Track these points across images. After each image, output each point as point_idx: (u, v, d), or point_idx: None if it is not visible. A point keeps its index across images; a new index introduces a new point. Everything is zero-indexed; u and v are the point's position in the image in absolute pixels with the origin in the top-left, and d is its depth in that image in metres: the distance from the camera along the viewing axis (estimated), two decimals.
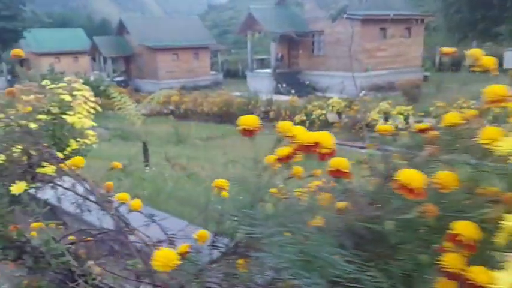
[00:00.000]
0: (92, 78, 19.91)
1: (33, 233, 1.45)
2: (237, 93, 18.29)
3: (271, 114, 14.39)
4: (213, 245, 1.03)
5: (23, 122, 1.57)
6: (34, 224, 1.46)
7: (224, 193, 1.55)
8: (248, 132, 0.93)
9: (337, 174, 0.82)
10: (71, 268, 1.26)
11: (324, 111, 12.76)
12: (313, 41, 23.83)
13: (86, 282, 1.26)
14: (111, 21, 48.47)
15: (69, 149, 1.79)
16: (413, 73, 21.54)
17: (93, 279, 1.27)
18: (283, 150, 0.88)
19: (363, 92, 16.74)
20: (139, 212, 1.33)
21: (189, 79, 28.76)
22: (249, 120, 0.92)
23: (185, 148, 9.51)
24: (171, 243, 1.25)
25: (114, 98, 6.44)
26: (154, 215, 1.35)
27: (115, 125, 11.79)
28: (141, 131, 7.18)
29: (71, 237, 1.49)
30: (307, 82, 23.56)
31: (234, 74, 33.63)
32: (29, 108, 1.71)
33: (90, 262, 1.32)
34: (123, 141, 9.63)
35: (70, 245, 1.40)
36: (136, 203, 1.26)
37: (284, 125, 0.90)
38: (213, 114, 16.27)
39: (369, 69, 20.82)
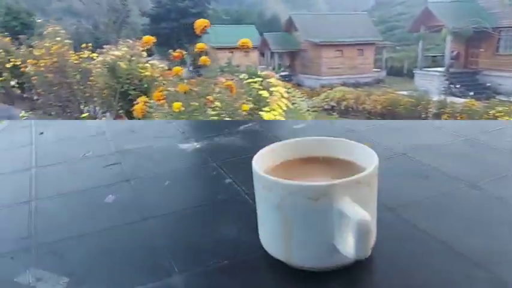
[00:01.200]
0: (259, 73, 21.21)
1: None
2: (404, 92, 17.25)
3: (444, 117, 13.08)
4: None
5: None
6: None
7: None
8: None
9: None
10: None
11: (511, 119, 11.07)
12: (499, 38, 20.86)
13: None
14: (279, 18, 50.91)
15: None
16: None
17: None
18: None
19: None
20: None
21: (350, 76, 28.36)
22: None
23: None
24: None
25: (289, 93, 6.65)
26: None
27: None
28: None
29: None
30: (489, 84, 20.85)
31: (397, 72, 31.82)
32: (246, 107, 1.66)
33: None
34: None
35: None
36: None
37: None
38: (375, 112, 15.57)
39: None
